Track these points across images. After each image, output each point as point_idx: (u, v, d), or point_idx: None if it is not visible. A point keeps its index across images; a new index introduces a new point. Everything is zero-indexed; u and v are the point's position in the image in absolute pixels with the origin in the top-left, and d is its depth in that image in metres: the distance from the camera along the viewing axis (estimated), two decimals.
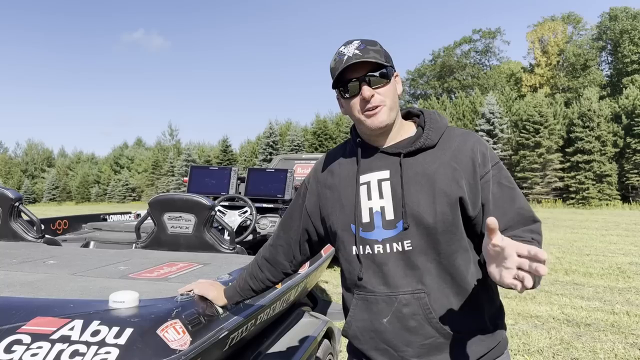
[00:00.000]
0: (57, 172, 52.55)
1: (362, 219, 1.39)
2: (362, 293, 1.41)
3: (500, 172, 1.37)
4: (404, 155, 1.38)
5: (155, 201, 3.33)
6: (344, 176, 1.47)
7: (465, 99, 35.42)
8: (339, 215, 1.45)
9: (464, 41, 53.07)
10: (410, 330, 1.34)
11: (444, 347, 1.34)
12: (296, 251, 1.63)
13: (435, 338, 1.33)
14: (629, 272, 7.40)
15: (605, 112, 27.51)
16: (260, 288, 1.71)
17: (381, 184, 1.39)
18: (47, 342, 1.49)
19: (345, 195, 1.44)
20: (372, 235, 1.38)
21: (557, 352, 4.06)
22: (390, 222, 1.35)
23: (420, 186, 1.34)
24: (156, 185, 43.46)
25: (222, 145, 41.22)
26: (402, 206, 1.34)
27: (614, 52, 41.29)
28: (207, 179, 4.77)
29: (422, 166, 1.36)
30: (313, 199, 1.55)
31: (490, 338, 1.38)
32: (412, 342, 1.34)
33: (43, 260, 2.70)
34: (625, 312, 5.25)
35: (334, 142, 34.94)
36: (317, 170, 1.58)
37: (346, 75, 1.35)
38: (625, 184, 26.60)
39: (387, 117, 1.36)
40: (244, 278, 1.72)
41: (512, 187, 1.36)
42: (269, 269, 1.68)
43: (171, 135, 50.83)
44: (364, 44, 1.35)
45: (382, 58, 1.35)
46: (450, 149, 1.37)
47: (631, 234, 12.18)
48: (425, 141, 1.38)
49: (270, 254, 1.68)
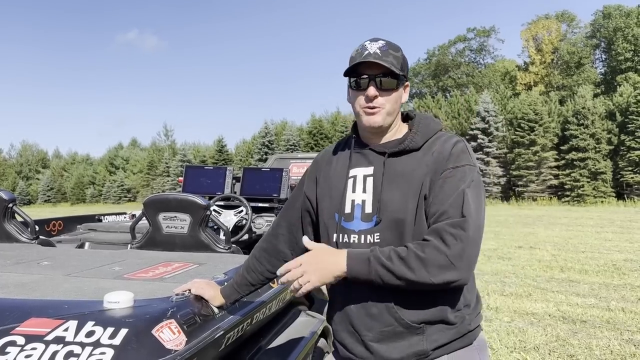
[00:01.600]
0: (52, 173, 52.34)
1: (345, 210, 1.50)
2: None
3: (466, 174, 1.37)
4: (389, 155, 1.47)
5: (150, 201, 3.31)
6: (337, 168, 1.58)
7: (460, 97, 35.52)
8: (328, 203, 1.56)
9: (459, 40, 53.21)
10: (371, 316, 1.43)
11: (403, 335, 1.41)
12: (298, 236, 1.66)
13: (394, 327, 1.40)
14: (624, 268, 7.44)
15: (599, 109, 27.64)
16: (259, 281, 1.73)
17: (366, 179, 1.49)
18: (41, 343, 1.48)
19: (336, 185, 1.55)
20: (351, 225, 1.48)
21: (553, 349, 4.08)
22: (368, 215, 1.45)
23: (396, 185, 1.43)
24: (152, 186, 43.37)
25: (218, 145, 41.17)
26: (377, 202, 1.43)
27: (608, 50, 41.47)
28: (203, 179, 4.76)
29: (403, 167, 1.45)
30: (312, 186, 1.65)
31: (453, 330, 1.42)
32: (372, 328, 1.43)
33: (37, 261, 2.68)
34: (621, 308, 5.27)
35: (330, 142, 34.95)
36: (318, 160, 1.70)
37: (361, 69, 1.44)
38: (619, 182, 26.73)
39: (382, 120, 1.45)
40: (241, 274, 1.75)
41: (458, 185, 1.35)
42: (268, 260, 1.70)
43: (166, 136, 50.75)
44: (387, 46, 1.44)
45: (398, 66, 1.43)
46: (432, 153, 1.44)
47: (626, 231, 12.25)
48: (409, 143, 1.47)
49: (270, 244, 1.71)
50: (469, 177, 1.38)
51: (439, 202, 1.35)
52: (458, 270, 1.27)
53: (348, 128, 34.77)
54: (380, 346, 1.42)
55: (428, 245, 1.28)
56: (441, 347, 1.41)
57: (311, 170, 1.69)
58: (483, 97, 31.05)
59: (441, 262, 1.26)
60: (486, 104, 30.22)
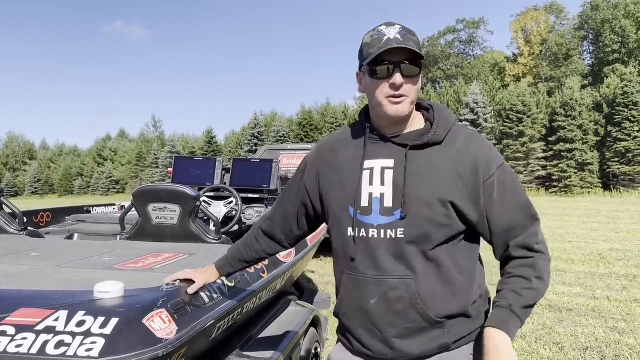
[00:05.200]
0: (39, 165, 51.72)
1: (361, 203, 1.42)
2: (352, 274, 1.45)
3: (504, 174, 1.40)
4: (411, 147, 1.40)
5: (140, 192, 3.30)
6: (348, 158, 1.49)
7: (450, 89, 35.55)
8: (339, 195, 1.48)
9: (448, 31, 53.17)
10: (395, 312, 1.38)
11: (426, 330, 1.39)
12: (293, 225, 1.67)
13: (419, 322, 1.38)
14: (609, 258, 7.54)
15: (587, 101, 27.82)
16: (253, 259, 1.74)
17: (384, 171, 1.42)
18: (31, 333, 1.49)
19: (348, 177, 1.47)
20: (369, 219, 1.41)
21: (539, 337, 4.14)
22: (388, 210, 1.39)
23: (421, 180, 1.37)
24: (140, 178, 43.04)
25: (207, 137, 40.93)
26: (402, 196, 1.37)
27: (596, 41, 41.66)
28: (192, 170, 4.75)
29: (427, 161, 1.39)
30: (312, 175, 1.58)
31: (472, 323, 1.43)
32: (396, 324, 1.39)
33: (26, 252, 2.67)
34: (606, 297, 5.35)
35: (320, 133, 34.89)
36: (319, 148, 1.62)
37: (382, 56, 1.34)
38: (606, 172, 26.98)
39: (407, 109, 1.39)
40: (238, 248, 1.76)
41: (514, 186, 1.41)
42: (265, 241, 1.71)
43: (155, 127, 50.31)
44: (405, 31, 1.36)
45: (419, 50, 1.36)
46: (455, 148, 1.40)
47: (612, 221, 12.39)
48: (433, 137, 1.41)
49: (268, 226, 1.71)
50: (509, 172, 1.42)
51: (507, 212, 1.38)
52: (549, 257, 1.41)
53: (337, 119, 34.70)
54: (402, 342, 1.40)
55: (536, 265, 1.37)
56: (462, 339, 1.42)
57: (312, 159, 1.61)
58: (472, 88, 31.10)
59: (549, 267, 1.39)
60: (475, 95, 30.29)
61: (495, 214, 1.37)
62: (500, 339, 1.28)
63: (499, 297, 1.37)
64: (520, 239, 1.37)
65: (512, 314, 1.32)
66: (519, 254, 1.37)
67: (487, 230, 1.40)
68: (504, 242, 1.39)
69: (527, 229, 1.38)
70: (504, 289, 1.36)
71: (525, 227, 1.38)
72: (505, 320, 1.31)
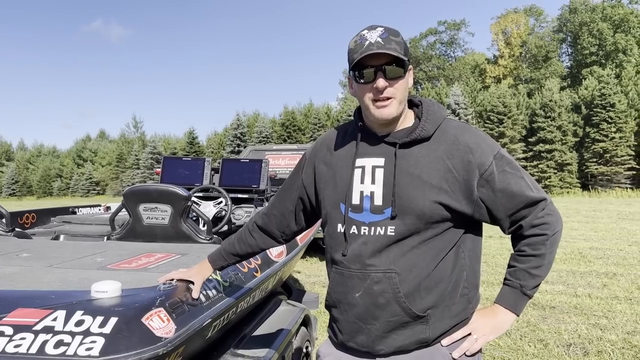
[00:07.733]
0: (17, 166, 50.81)
1: (352, 201, 1.45)
2: (339, 268, 1.48)
3: (501, 161, 1.41)
4: (400, 145, 1.42)
5: (130, 192, 3.28)
6: (341, 156, 1.53)
7: (432, 90, 35.90)
8: (331, 192, 1.51)
9: (430, 32, 53.65)
10: (378, 306, 1.41)
11: (408, 324, 1.41)
12: (291, 221, 1.69)
13: (401, 316, 1.40)
14: (589, 256, 7.69)
15: (565, 102, 28.34)
16: (246, 253, 1.76)
17: (375, 170, 1.44)
18: (30, 333, 1.48)
19: (340, 175, 1.50)
20: (360, 217, 1.44)
21: (524, 334, 4.21)
22: (378, 208, 1.41)
23: (411, 178, 1.39)
24: (121, 179, 42.59)
25: (189, 137, 40.68)
26: (392, 195, 1.39)
27: (574, 44, 42.44)
28: (181, 170, 4.72)
29: (416, 159, 1.40)
30: (309, 172, 1.61)
31: (456, 317, 1.45)
32: (379, 318, 1.42)
33: (16, 253, 2.64)
34: (587, 294, 5.46)
35: (303, 134, 34.92)
36: (317, 145, 1.64)
37: (364, 61, 1.36)
38: (584, 172, 27.49)
39: (395, 110, 1.40)
40: (232, 242, 1.77)
41: (514, 172, 1.41)
42: (260, 236, 1.73)
43: (135, 128, 49.85)
44: (387, 32, 1.37)
45: (401, 51, 1.36)
46: (446, 143, 1.41)
47: (591, 220, 12.63)
48: (420, 132, 1.42)
49: (263, 222, 1.73)
50: (506, 158, 1.42)
51: (512, 198, 1.40)
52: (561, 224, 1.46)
53: (320, 120, 34.75)
54: (384, 335, 1.42)
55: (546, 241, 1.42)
56: (443, 334, 1.43)
57: (309, 156, 1.64)
58: (453, 89, 31.46)
59: (559, 237, 1.45)
60: (456, 96, 30.62)
61: (500, 202, 1.39)
62: (508, 318, 1.45)
63: (510, 274, 1.46)
64: (529, 219, 1.41)
65: (524, 295, 1.44)
66: (530, 232, 1.42)
67: (486, 216, 1.42)
68: (512, 222, 1.43)
69: (535, 209, 1.41)
70: (517, 267, 1.45)
71: (533, 206, 1.41)
72: (515, 301, 1.45)
